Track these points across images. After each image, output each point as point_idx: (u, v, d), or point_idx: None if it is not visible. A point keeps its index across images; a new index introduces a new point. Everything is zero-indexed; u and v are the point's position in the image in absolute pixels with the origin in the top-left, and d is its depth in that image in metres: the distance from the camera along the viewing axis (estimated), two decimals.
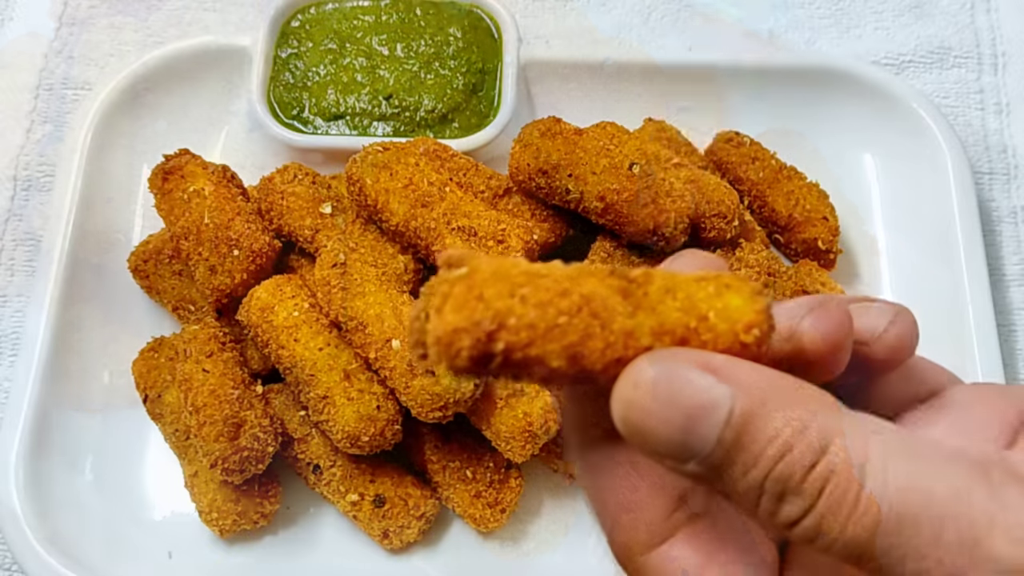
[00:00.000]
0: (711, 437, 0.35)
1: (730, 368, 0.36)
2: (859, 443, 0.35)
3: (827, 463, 0.35)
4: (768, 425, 0.35)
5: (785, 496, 0.35)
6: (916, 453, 0.35)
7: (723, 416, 0.35)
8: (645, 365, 0.36)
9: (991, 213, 1.07)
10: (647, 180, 0.87)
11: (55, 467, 0.88)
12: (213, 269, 0.90)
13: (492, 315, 0.35)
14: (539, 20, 1.18)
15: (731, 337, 0.37)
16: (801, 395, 0.36)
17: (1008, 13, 1.17)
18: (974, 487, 0.34)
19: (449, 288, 0.36)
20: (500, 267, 0.37)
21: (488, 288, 0.36)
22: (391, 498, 0.86)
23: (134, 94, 1.04)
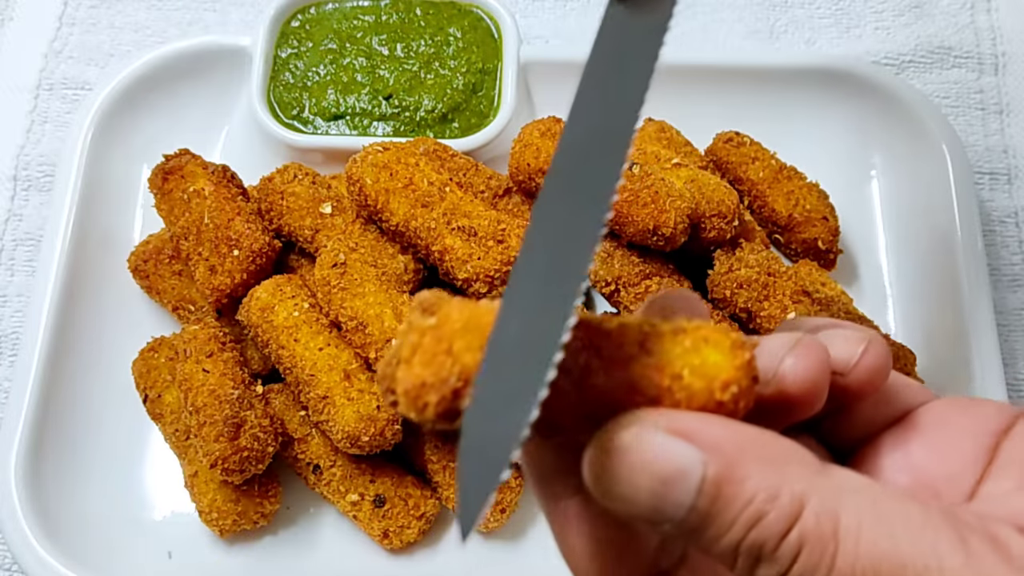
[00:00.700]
0: (684, 504, 0.35)
1: (702, 430, 0.35)
2: (831, 507, 0.35)
3: (800, 530, 0.34)
4: (741, 491, 0.35)
5: (760, 561, 0.35)
6: (889, 518, 0.35)
7: (695, 483, 0.35)
8: (617, 429, 0.36)
9: (991, 214, 1.07)
10: (647, 180, 0.87)
11: (55, 467, 0.88)
12: (213, 269, 0.90)
13: (459, 371, 0.35)
14: (539, 20, 1.18)
15: (707, 395, 0.36)
16: (775, 454, 0.36)
17: (1008, 13, 1.17)
18: (948, 554, 0.34)
19: (419, 338, 0.35)
20: (471, 317, 0.36)
21: (457, 340, 0.35)
22: (391, 498, 0.86)
23: (134, 94, 1.04)
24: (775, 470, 0.35)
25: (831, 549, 0.34)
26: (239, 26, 1.16)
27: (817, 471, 0.36)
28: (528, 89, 1.07)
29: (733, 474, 0.35)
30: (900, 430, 0.44)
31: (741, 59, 1.08)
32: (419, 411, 0.35)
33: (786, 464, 0.36)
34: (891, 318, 0.99)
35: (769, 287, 0.88)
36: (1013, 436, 0.41)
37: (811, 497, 0.35)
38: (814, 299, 0.87)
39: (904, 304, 0.99)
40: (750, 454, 0.35)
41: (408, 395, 0.35)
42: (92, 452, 0.91)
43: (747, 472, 0.35)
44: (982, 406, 0.43)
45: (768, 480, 0.35)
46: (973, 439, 0.42)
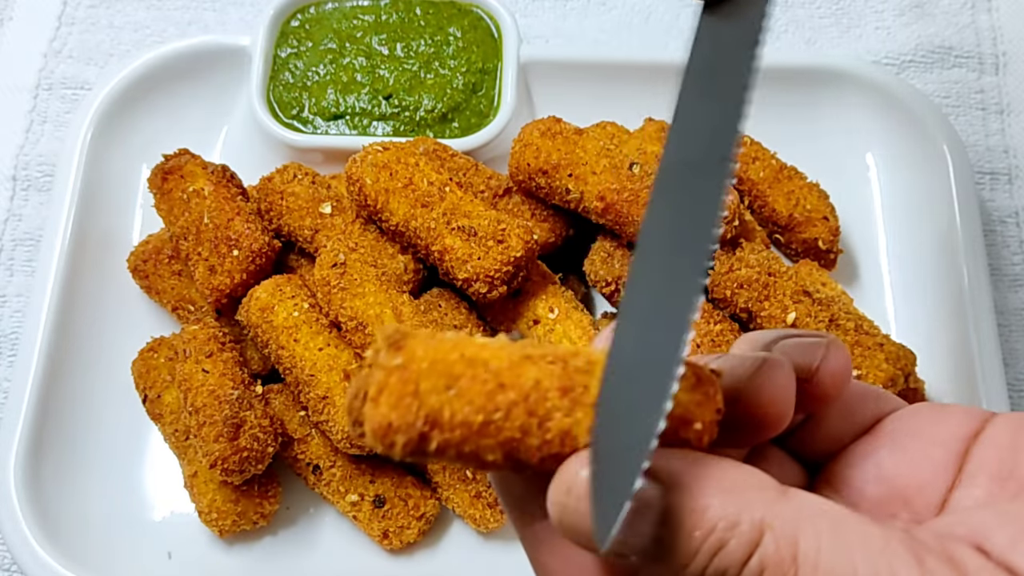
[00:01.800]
0: (647, 535, 0.36)
1: (661, 464, 0.36)
2: (790, 532, 0.35)
3: (759, 557, 0.35)
4: (701, 520, 0.35)
5: None
6: (847, 542, 0.35)
7: (656, 516, 0.35)
8: (577, 467, 0.36)
9: (991, 213, 1.07)
10: (647, 180, 0.87)
11: (55, 467, 0.88)
12: (213, 269, 0.90)
13: (425, 415, 0.35)
14: (539, 20, 1.18)
15: (670, 435, 0.37)
16: (733, 483, 0.36)
17: (1008, 13, 1.17)
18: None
19: (385, 378, 0.36)
20: (438, 354, 0.36)
21: (424, 381, 0.36)
22: (391, 498, 0.86)
23: (134, 94, 1.03)
24: (734, 498, 0.36)
25: (791, 574, 0.35)
26: (239, 26, 1.16)
27: (776, 497, 0.36)
28: (528, 89, 1.07)
29: (693, 504, 0.36)
30: (870, 440, 0.44)
31: None
32: (387, 448, 0.36)
33: (745, 491, 0.36)
34: (891, 318, 0.99)
35: (769, 287, 0.88)
36: (982, 441, 0.42)
37: (770, 523, 0.35)
38: (814, 299, 0.87)
39: (904, 304, 0.99)
40: (709, 484, 0.36)
41: (375, 434, 0.36)
42: (92, 452, 0.90)
43: (707, 501, 0.36)
44: (951, 412, 0.44)
45: (728, 508, 0.36)
46: (943, 446, 0.42)
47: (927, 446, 0.42)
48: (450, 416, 0.36)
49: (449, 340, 0.37)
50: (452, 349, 0.37)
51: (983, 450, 0.41)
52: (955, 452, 0.42)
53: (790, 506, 0.36)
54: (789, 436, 0.45)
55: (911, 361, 0.88)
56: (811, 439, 0.45)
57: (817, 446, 0.45)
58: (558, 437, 0.37)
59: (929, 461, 0.42)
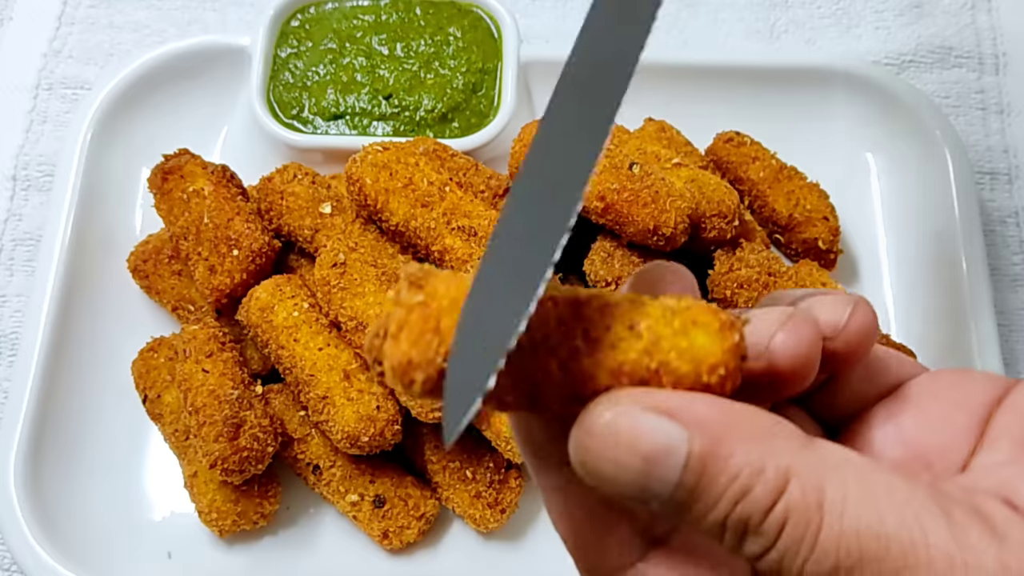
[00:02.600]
0: (670, 481, 0.35)
1: (687, 408, 0.36)
2: (816, 480, 0.35)
3: (784, 504, 0.35)
4: (726, 466, 0.35)
5: (747, 534, 0.35)
6: (873, 492, 0.35)
7: (681, 459, 0.35)
8: (600, 410, 0.36)
9: (992, 213, 1.07)
10: (647, 180, 0.87)
11: (55, 467, 0.88)
12: (212, 269, 0.90)
13: (446, 351, 0.35)
14: (539, 20, 1.18)
15: (694, 378, 0.37)
16: (759, 430, 0.36)
17: (1009, 13, 1.17)
18: (933, 528, 0.34)
19: (406, 315, 0.35)
20: (460, 292, 0.36)
21: (444, 318, 0.35)
22: (391, 498, 0.86)
23: (133, 94, 1.03)
24: (760, 445, 0.35)
25: (816, 522, 0.34)
26: (239, 26, 1.16)
27: (803, 445, 0.36)
28: (528, 89, 1.07)
29: (718, 450, 0.35)
30: (891, 403, 0.44)
31: (741, 59, 1.08)
32: (406, 386, 0.36)
33: (771, 439, 0.36)
34: (891, 318, 0.99)
35: (769, 287, 0.88)
36: (1005, 407, 0.41)
37: (796, 471, 0.35)
38: None
39: (904, 304, 0.99)
40: (735, 430, 0.36)
41: (395, 371, 0.35)
42: (92, 452, 0.90)
43: (732, 448, 0.35)
44: (974, 378, 0.43)
45: (753, 455, 0.35)
46: (965, 411, 0.42)
47: (950, 410, 0.42)
48: None
49: (471, 279, 0.37)
50: None
51: (1006, 416, 0.41)
52: (978, 417, 0.41)
53: (816, 455, 0.36)
54: (811, 396, 0.44)
55: None
56: (833, 400, 0.45)
57: (839, 407, 0.45)
58: (579, 378, 0.36)
59: (951, 425, 0.41)
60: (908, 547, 0.34)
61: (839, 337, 0.41)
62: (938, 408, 0.42)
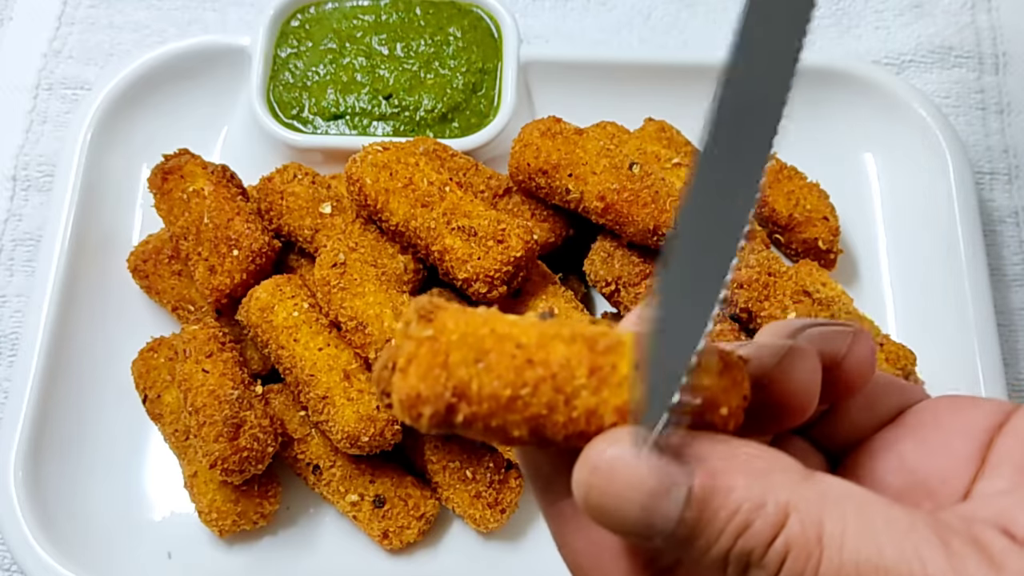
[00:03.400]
0: (672, 517, 0.36)
1: (687, 444, 0.36)
2: (816, 514, 0.35)
3: (785, 538, 0.35)
4: (727, 501, 0.35)
5: (749, 568, 0.36)
6: (872, 524, 0.35)
7: (683, 496, 0.35)
8: (603, 446, 0.36)
9: (992, 213, 1.07)
10: (647, 180, 0.87)
11: (55, 467, 0.88)
12: (212, 269, 0.90)
13: (454, 386, 0.36)
14: (539, 20, 1.18)
15: (698, 419, 0.37)
16: (759, 465, 0.36)
17: (1009, 12, 1.17)
18: (932, 559, 0.34)
19: (415, 348, 0.36)
20: (468, 327, 0.37)
21: (453, 353, 0.36)
22: (391, 498, 0.86)
23: (133, 94, 1.03)
24: (760, 480, 0.36)
25: (816, 555, 0.35)
26: (239, 26, 1.16)
27: (802, 479, 0.37)
28: (528, 89, 1.07)
29: (719, 485, 0.36)
30: (892, 430, 0.44)
31: None
32: (414, 420, 0.36)
33: (771, 473, 0.36)
34: (891, 318, 0.99)
35: (769, 287, 0.88)
36: (1006, 433, 0.41)
37: (796, 505, 0.35)
38: (814, 299, 0.87)
39: (904, 304, 0.99)
40: (735, 465, 0.36)
41: (403, 404, 0.36)
42: (92, 452, 0.90)
43: (732, 483, 0.36)
44: (974, 404, 0.43)
45: (753, 490, 0.36)
46: (966, 437, 0.42)
47: (950, 437, 0.42)
48: (478, 389, 0.36)
49: (480, 315, 0.38)
50: (483, 324, 0.37)
51: (1007, 441, 0.41)
52: (979, 443, 0.42)
53: (815, 489, 0.36)
54: (812, 426, 0.45)
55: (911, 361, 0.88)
56: (834, 429, 0.45)
57: (840, 436, 0.45)
58: (584, 415, 0.37)
59: (952, 452, 0.42)
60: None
61: (839, 369, 0.42)
62: (939, 435, 0.43)
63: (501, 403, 0.36)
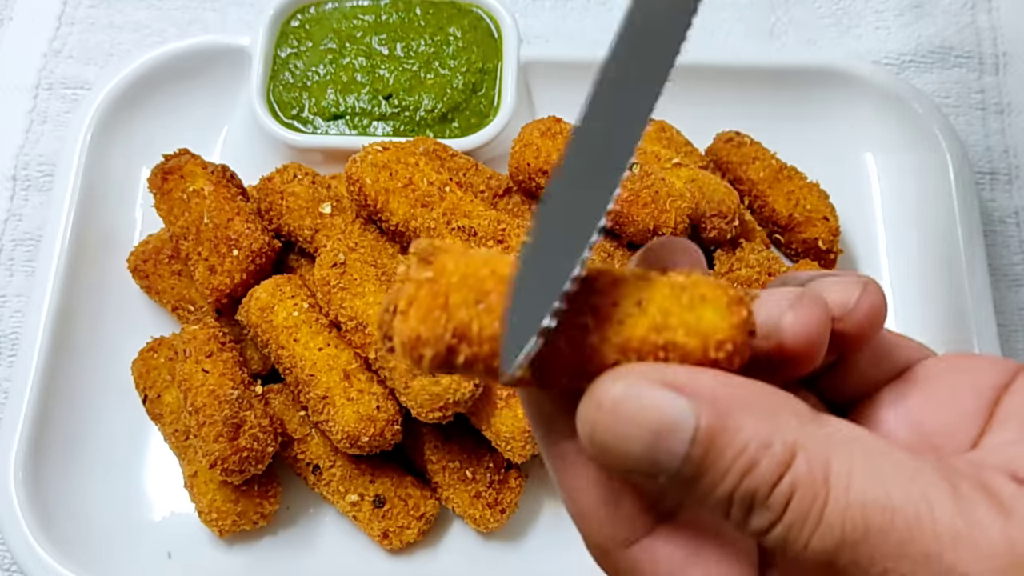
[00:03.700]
0: (678, 454, 0.35)
1: (694, 382, 0.36)
2: (822, 454, 0.35)
3: (791, 477, 0.35)
4: (734, 440, 0.35)
5: (753, 508, 0.36)
6: (880, 467, 0.35)
7: (688, 433, 0.35)
8: (608, 384, 0.36)
9: (992, 213, 1.07)
10: (647, 180, 0.87)
11: (55, 467, 0.88)
12: (212, 269, 0.90)
13: (454, 327, 0.35)
14: (539, 20, 1.18)
15: (701, 354, 0.37)
16: (766, 405, 0.36)
17: (1009, 13, 1.17)
18: (939, 503, 0.34)
19: (415, 290, 0.36)
20: (468, 268, 0.36)
21: (453, 294, 0.36)
22: (391, 498, 0.86)
23: (133, 94, 1.03)
24: (767, 419, 0.36)
25: (822, 495, 0.35)
26: (239, 26, 1.16)
27: (809, 420, 0.36)
28: (528, 89, 1.07)
29: (726, 424, 0.35)
30: (899, 385, 0.44)
31: (741, 59, 1.08)
32: (415, 361, 0.36)
33: (778, 414, 0.36)
34: (891, 318, 0.99)
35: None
36: (1013, 391, 0.41)
37: (803, 445, 0.35)
38: None
39: (904, 304, 0.99)
40: (742, 404, 0.36)
41: (404, 346, 0.36)
42: (92, 452, 0.90)
43: (739, 422, 0.35)
44: (981, 361, 0.43)
45: (760, 429, 0.35)
46: (973, 394, 0.42)
47: (958, 393, 0.42)
48: (479, 330, 0.35)
49: (480, 255, 0.37)
50: (483, 264, 0.37)
51: (1015, 399, 0.41)
52: (986, 400, 0.41)
53: (823, 430, 0.36)
54: (819, 378, 0.45)
55: None
56: (841, 382, 0.45)
57: (847, 389, 0.45)
58: (587, 354, 0.37)
59: (960, 407, 0.42)
60: (914, 521, 0.34)
61: (848, 318, 0.41)
62: (946, 391, 0.43)
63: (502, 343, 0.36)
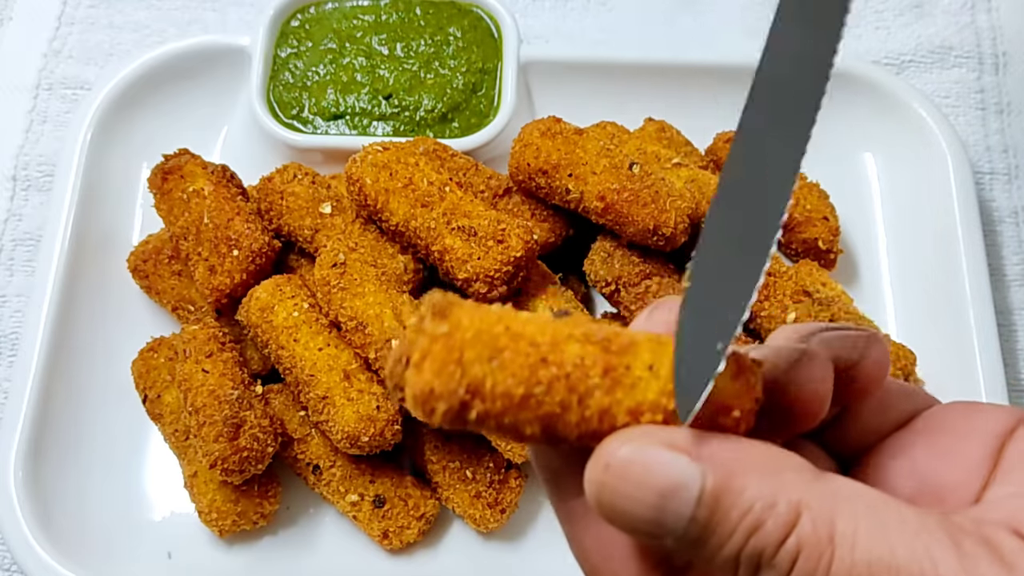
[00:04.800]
0: (684, 516, 0.36)
1: (699, 445, 0.36)
2: (827, 513, 0.35)
3: (797, 536, 0.35)
4: (739, 500, 0.35)
5: (760, 568, 0.36)
6: (884, 524, 0.35)
7: (694, 495, 0.36)
8: (616, 445, 0.36)
9: (991, 213, 1.07)
10: (647, 180, 0.87)
11: (55, 467, 0.88)
12: (212, 269, 0.90)
13: (468, 383, 0.36)
14: (539, 20, 1.18)
15: (710, 420, 0.37)
16: (770, 464, 0.37)
17: (1009, 12, 1.17)
18: (943, 559, 0.34)
19: (429, 344, 0.36)
20: (483, 324, 0.37)
21: (468, 350, 0.36)
22: (391, 498, 0.86)
23: (133, 94, 1.03)
24: (772, 479, 0.36)
25: (828, 554, 0.35)
26: (238, 26, 1.16)
27: (814, 479, 0.37)
28: (528, 89, 1.07)
29: (730, 484, 0.36)
30: (903, 435, 0.44)
31: (741, 59, 1.08)
32: (427, 415, 0.36)
33: (782, 473, 0.36)
34: (891, 318, 0.99)
35: (769, 287, 0.88)
36: (1016, 439, 0.41)
37: (808, 504, 0.35)
38: (814, 299, 0.87)
39: (904, 304, 0.99)
40: (746, 465, 0.36)
41: (417, 400, 0.36)
42: (92, 452, 0.90)
43: (744, 482, 0.36)
44: (985, 410, 0.44)
45: (765, 489, 0.36)
46: (977, 443, 0.42)
47: (962, 442, 0.42)
48: (492, 386, 0.36)
49: (494, 312, 0.38)
50: (497, 321, 0.37)
51: (1018, 447, 0.41)
52: (990, 449, 0.42)
53: (827, 488, 0.36)
54: (823, 430, 0.45)
55: (911, 361, 0.88)
56: (845, 433, 0.45)
57: (851, 440, 0.45)
58: (597, 415, 0.37)
59: (964, 458, 0.42)
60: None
61: (852, 373, 0.42)
62: (950, 440, 0.43)
63: (514, 401, 0.36)
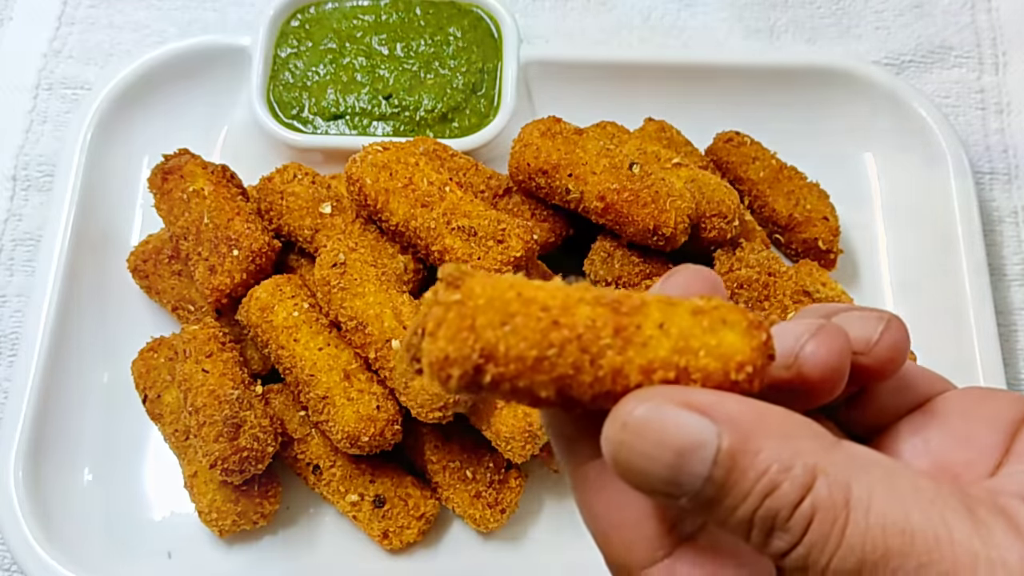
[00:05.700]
0: (700, 475, 0.36)
1: (717, 405, 0.36)
2: (843, 478, 0.36)
3: (812, 500, 0.35)
4: (755, 462, 0.36)
5: (774, 530, 0.36)
6: (899, 490, 0.36)
7: (711, 454, 0.36)
8: (633, 404, 0.37)
9: (991, 213, 1.07)
10: (647, 180, 0.87)
11: (55, 467, 0.88)
12: (212, 269, 0.90)
13: (481, 347, 0.36)
14: (539, 20, 1.18)
15: (722, 376, 0.37)
16: (788, 428, 0.37)
17: (1008, 13, 1.17)
18: (958, 526, 0.35)
19: (443, 313, 0.37)
20: (495, 291, 0.37)
21: (480, 316, 0.37)
22: (391, 498, 0.86)
23: (133, 94, 1.03)
24: (789, 443, 0.36)
25: (842, 518, 0.35)
26: (238, 26, 1.16)
27: (831, 444, 0.37)
28: (528, 89, 1.07)
29: (747, 446, 0.36)
30: (919, 417, 0.44)
31: (741, 59, 1.08)
32: (443, 382, 0.37)
33: (800, 437, 0.37)
34: None
35: (769, 287, 0.88)
36: None
37: (824, 468, 0.36)
38: (814, 299, 0.87)
39: (904, 304, 0.99)
40: (764, 427, 0.36)
41: (432, 367, 0.37)
42: (92, 452, 0.90)
43: (761, 444, 0.36)
44: (1000, 396, 0.44)
45: (782, 452, 0.36)
46: (991, 427, 0.42)
47: (976, 426, 0.43)
48: (505, 351, 0.36)
49: (506, 279, 0.38)
50: (509, 288, 0.38)
51: None
52: (1004, 433, 0.42)
53: (844, 454, 0.37)
54: (840, 409, 0.45)
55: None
56: (861, 413, 0.45)
57: (867, 420, 0.46)
58: (610, 374, 0.37)
59: (977, 440, 0.42)
60: (933, 543, 0.34)
61: (870, 353, 0.42)
62: (965, 424, 0.43)
63: (528, 364, 0.36)
